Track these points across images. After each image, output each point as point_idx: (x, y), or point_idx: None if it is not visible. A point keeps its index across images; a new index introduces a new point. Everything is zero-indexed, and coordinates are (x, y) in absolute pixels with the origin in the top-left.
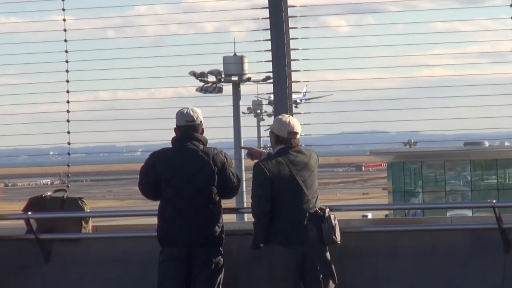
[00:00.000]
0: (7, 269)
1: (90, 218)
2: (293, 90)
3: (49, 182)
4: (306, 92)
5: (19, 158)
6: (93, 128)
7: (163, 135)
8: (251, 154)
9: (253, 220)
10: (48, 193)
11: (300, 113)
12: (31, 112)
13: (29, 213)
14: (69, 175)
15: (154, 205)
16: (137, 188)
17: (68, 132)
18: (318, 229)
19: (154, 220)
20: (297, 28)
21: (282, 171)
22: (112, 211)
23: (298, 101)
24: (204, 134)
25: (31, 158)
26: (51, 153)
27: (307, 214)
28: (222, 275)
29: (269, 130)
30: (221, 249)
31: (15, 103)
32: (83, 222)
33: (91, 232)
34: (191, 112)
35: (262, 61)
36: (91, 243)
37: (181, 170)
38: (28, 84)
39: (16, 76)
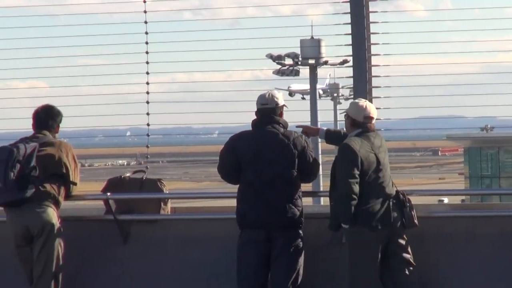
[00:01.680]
0: (86, 250)
1: (169, 200)
2: (372, 74)
3: (125, 163)
4: (328, 82)
5: (95, 139)
6: (170, 110)
7: (240, 118)
8: (306, 132)
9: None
10: (127, 174)
11: (379, 97)
12: (108, 93)
13: (108, 194)
14: (148, 156)
15: (232, 187)
16: (214, 170)
17: (148, 114)
18: (400, 213)
19: (232, 202)
20: (377, 12)
21: (368, 152)
22: (191, 192)
23: (320, 91)
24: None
25: (107, 139)
26: (128, 134)
27: (390, 197)
28: (302, 258)
29: (344, 114)
30: (300, 232)
31: (92, 84)
32: (162, 204)
33: (169, 213)
34: (272, 96)
35: (341, 45)
36: (170, 224)
37: (262, 153)
38: (105, 65)
39: (94, 57)
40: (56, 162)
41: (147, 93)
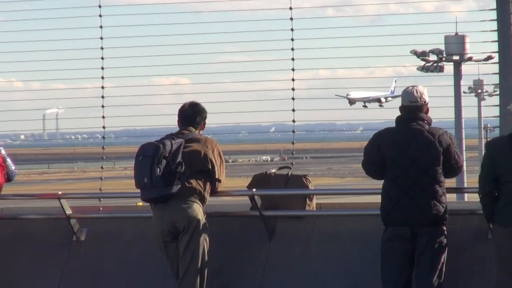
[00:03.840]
0: (231, 246)
1: (314, 196)
2: None
3: (269, 159)
4: (395, 88)
5: (239, 135)
6: (313, 106)
7: (383, 114)
8: None
9: (477, 199)
10: (273, 170)
11: None
12: (252, 90)
13: (254, 190)
14: (293, 152)
15: (375, 183)
16: (357, 166)
17: (293, 110)
18: None
19: (375, 199)
20: None
21: (505, 151)
22: (337, 189)
23: (383, 99)
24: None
25: (251, 135)
26: (271, 130)
27: None
28: (445, 255)
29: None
30: (444, 228)
31: (236, 81)
32: (307, 200)
33: (315, 209)
34: (416, 92)
35: (486, 41)
36: (315, 220)
37: (407, 150)
38: (249, 61)
39: (237, 54)
40: (202, 158)
41: (293, 89)
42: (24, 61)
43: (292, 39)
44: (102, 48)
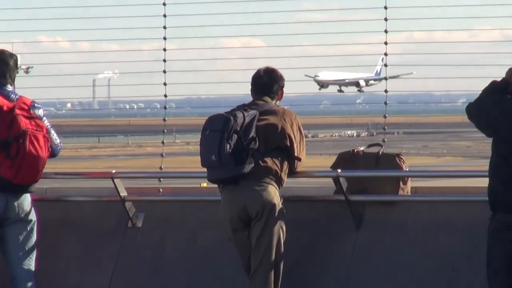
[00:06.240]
0: (312, 234)
1: (409, 178)
2: None
3: (354, 134)
4: (381, 68)
5: (320, 106)
6: (409, 75)
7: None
8: None
9: None
10: (361, 148)
11: None
12: (336, 54)
13: (339, 170)
14: (385, 128)
15: (479, 164)
16: (457, 143)
17: (386, 79)
18: None
19: (479, 182)
20: None
21: None
22: (435, 170)
23: (362, 82)
24: None
25: (335, 106)
26: (358, 101)
27: None
28: None
29: None
30: None
31: (317, 43)
32: (400, 183)
33: (409, 194)
34: None
35: None
36: (410, 207)
37: None
38: (332, 21)
39: (318, 12)
40: (279, 133)
41: (385, 54)
42: (71, 18)
43: (386, 8)
44: (164, 4)
